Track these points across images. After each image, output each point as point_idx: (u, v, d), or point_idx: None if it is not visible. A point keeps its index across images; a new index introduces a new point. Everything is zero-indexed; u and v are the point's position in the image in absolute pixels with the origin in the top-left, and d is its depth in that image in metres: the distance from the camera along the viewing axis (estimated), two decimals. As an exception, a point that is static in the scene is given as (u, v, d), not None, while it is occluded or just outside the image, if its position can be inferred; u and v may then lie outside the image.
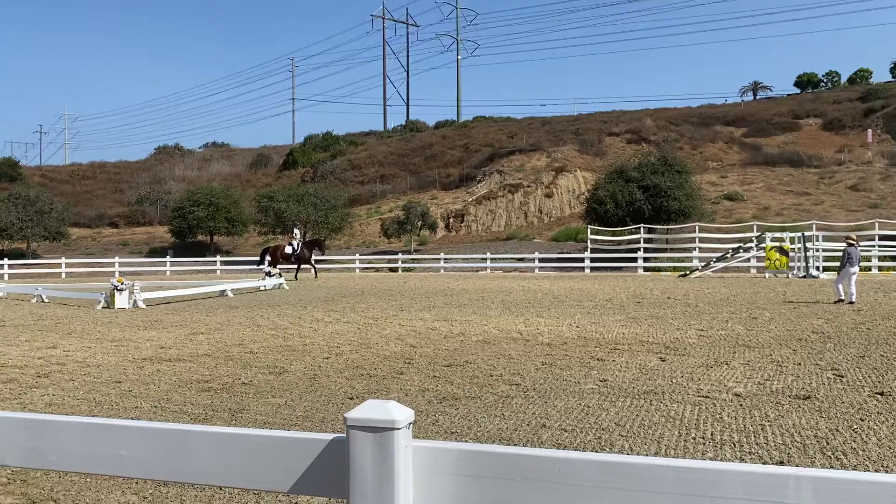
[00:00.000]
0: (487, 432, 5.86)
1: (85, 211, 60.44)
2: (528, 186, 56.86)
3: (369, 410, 1.81)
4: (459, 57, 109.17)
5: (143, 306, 18.32)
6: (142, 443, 2.04)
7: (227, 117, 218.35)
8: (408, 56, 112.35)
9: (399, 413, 1.80)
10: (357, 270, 41.81)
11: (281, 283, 25.98)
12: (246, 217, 50.09)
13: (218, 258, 44.02)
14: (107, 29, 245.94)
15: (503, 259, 40.66)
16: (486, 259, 40.20)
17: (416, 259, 43.19)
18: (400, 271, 40.70)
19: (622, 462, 1.74)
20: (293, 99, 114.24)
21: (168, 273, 41.29)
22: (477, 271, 39.17)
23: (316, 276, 32.68)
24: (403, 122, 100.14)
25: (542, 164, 60.04)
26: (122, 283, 18.56)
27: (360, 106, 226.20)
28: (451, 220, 56.23)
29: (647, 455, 5.17)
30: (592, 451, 5.22)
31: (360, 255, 44.65)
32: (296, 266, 32.19)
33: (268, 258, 31.04)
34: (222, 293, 22.28)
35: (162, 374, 8.67)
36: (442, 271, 39.90)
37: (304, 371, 8.81)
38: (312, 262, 33.10)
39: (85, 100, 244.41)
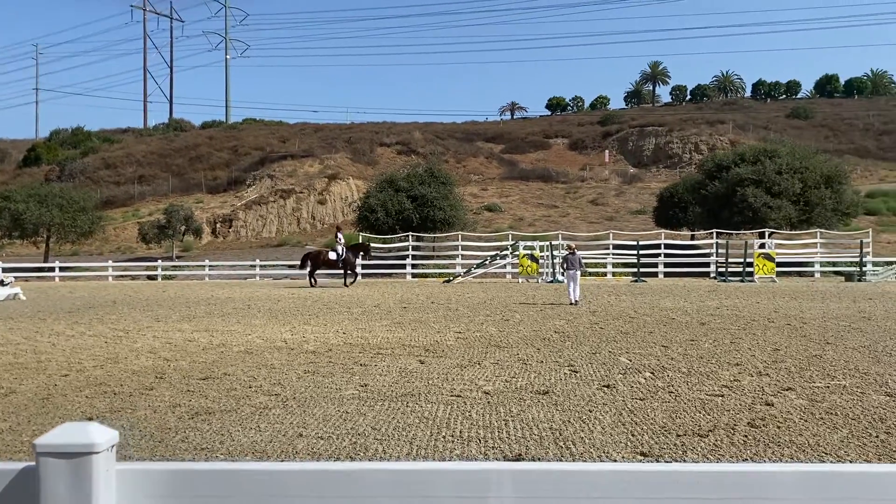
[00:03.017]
0: (241, 446, 5.67)
1: None
2: (301, 192, 56.17)
3: (63, 435, 1.66)
4: (228, 56, 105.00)
5: None
6: None
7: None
8: (171, 52, 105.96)
9: (100, 435, 1.66)
10: (110, 279, 38.40)
11: (17, 294, 23.08)
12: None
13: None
14: None
15: (274, 266, 39.70)
16: (255, 266, 38.96)
17: (179, 266, 40.68)
18: (160, 279, 38.05)
19: (340, 470, 1.76)
20: (37, 89, 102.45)
21: None
22: (245, 279, 37.81)
23: (346, 284, 29.43)
24: (166, 121, 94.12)
25: (315, 170, 59.63)
26: None
27: (117, 101, 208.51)
28: (218, 225, 53.78)
29: (398, 456, 5.33)
30: (346, 458, 5.27)
31: (115, 261, 41.07)
32: (343, 272, 29.60)
33: (309, 263, 29.16)
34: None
35: None
36: (207, 279, 37.97)
37: (35, 391, 7.90)
38: (356, 268, 30.35)
39: None
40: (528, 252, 31.93)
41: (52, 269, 38.68)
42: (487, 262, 33.98)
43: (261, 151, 65.59)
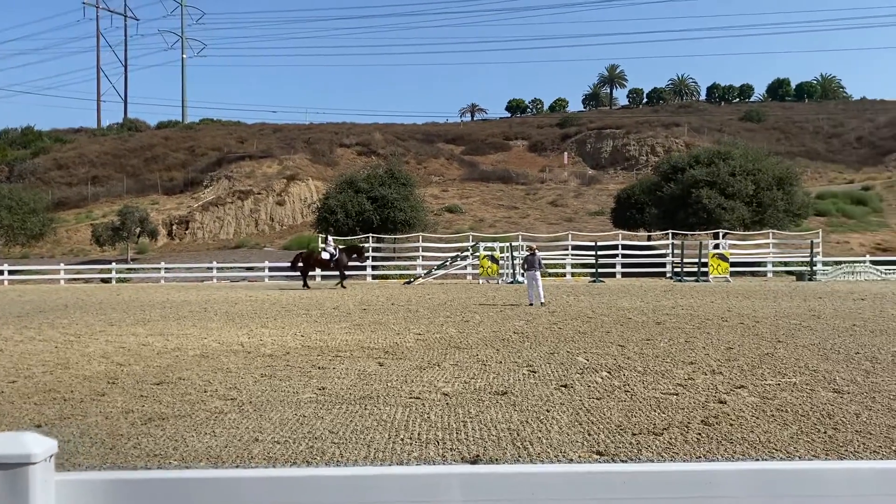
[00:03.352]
0: (195, 452, 5.57)
1: None
2: (259, 193, 55.54)
3: (-3, 445, 1.60)
4: (185, 56, 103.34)
5: None
6: None
7: None
8: (126, 50, 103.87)
9: (37, 445, 1.61)
10: (62, 282, 37.44)
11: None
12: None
13: None
14: None
15: (231, 268, 39.17)
16: (212, 268, 38.39)
17: (134, 269, 39.88)
18: (114, 282, 37.24)
19: (289, 476, 1.74)
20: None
21: None
22: (202, 281, 37.23)
23: (343, 286, 28.91)
24: (121, 121, 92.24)
25: (273, 171, 59.02)
26: None
27: (69, 100, 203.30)
28: (174, 227, 52.86)
29: (355, 460, 5.29)
30: (303, 463, 5.22)
31: (67, 264, 40.06)
32: (337, 273, 29.26)
33: (301, 264, 28.82)
34: None
35: None
36: (163, 282, 37.29)
37: (-20, 399, 7.65)
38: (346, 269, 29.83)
39: None
40: (489, 253, 32.07)
41: (0, 273, 37.55)
42: (448, 264, 34.04)
43: (218, 152, 64.66)
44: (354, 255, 29.93)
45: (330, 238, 30.77)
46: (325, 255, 28.59)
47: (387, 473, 1.73)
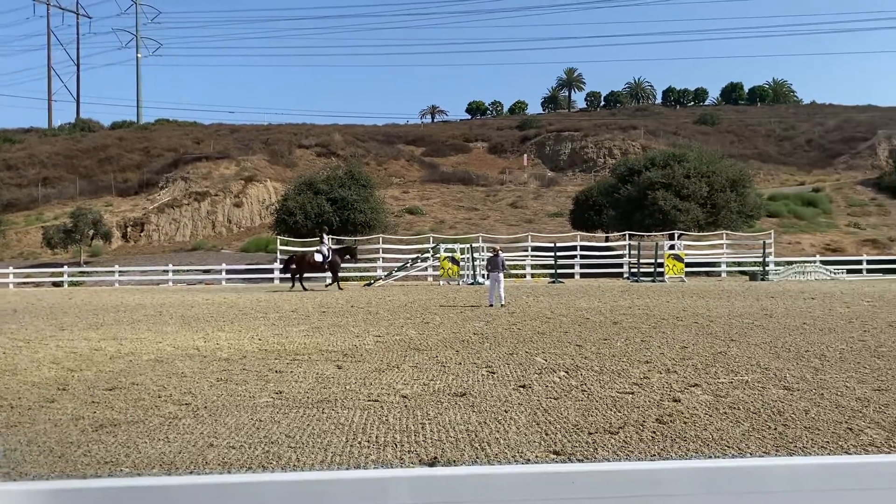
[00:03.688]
0: (148, 458, 5.46)
1: None
2: (217, 195, 54.75)
3: (-72, 457, 1.54)
4: (139, 55, 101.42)
5: None
6: None
7: None
8: (78, 49, 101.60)
9: (-30, 456, 1.56)
10: (11, 286, 36.37)
11: None
12: None
13: None
14: None
15: (188, 271, 38.52)
16: (168, 271, 37.71)
17: (87, 272, 38.95)
18: (66, 286, 36.32)
19: (238, 482, 1.72)
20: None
21: None
22: (158, 284, 36.54)
23: (340, 287, 28.53)
24: (73, 121, 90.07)
25: (231, 172, 58.24)
26: None
27: (18, 99, 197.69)
28: (129, 230, 51.80)
29: (312, 464, 5.25)
30: (259, 468, 5.16)
31: (16, 268, 38.93)
32: (330, 274, 28.96)
33: (294, 266, 28.37)
34: None
35: None
36: (117, 285, 36.51)
37: (-78, 408, 7.39)
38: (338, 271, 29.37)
39: None
40: (449, 255, 32.12)
41: (-55, 277, 36.34)
42: (409, 265, 33.97)
43: (174, 153, 63.56)
44: (348, 257, 29.90)
45: (326, 237, 30.55)
46: (318, 257, 28.43)
47: (334, 478, 1.71)
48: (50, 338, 13.28)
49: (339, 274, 29.53)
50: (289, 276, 29.65)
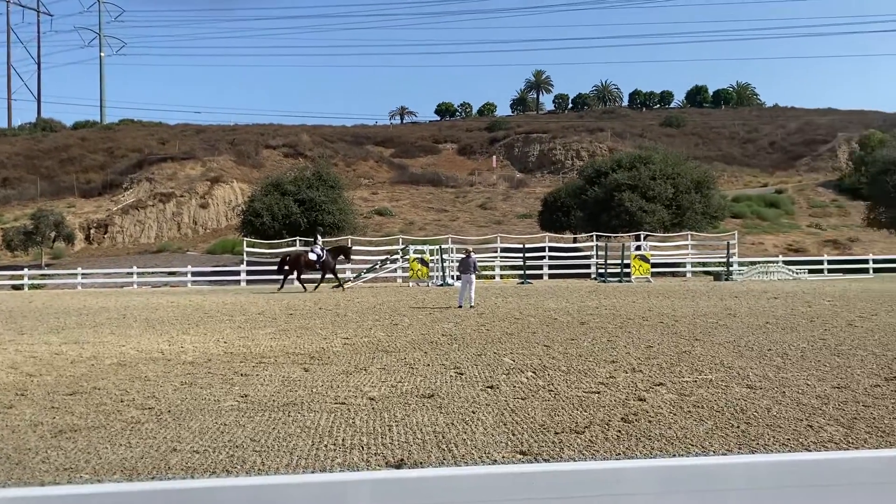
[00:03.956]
0: (109, 464, 5.35)
1: None
2: (182, 196, 54.01)
3: None
4: (103, 54, 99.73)
5: None
6: None
7: None
8: (39, 47, 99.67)
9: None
10: (-32, 289, 35.45)
11: None
12: None
13: None
14: None
15: (153, 273, 37.93)
16: (132, 273, 37.08)
17: (48, 275, 38.14)
18: (26, 289, 35.51)
19: (199, 487, 1.69)
20: None
21: None
22: (122, 287, 35.91)
23: (343, 288, 28.12)
24: (33, 120, 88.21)
25: (196, 173, 57.51)
26: None
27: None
28: (92, 231, 50.85)
29: (277, 468, 5.19)
30: (223, 472, 5.09)
31: (-27, 270, 37.98)
32: (320, 274, 28.45)
33: (289, 266, 28.02)
34: None
35: None
36: (80, 288, 35.79)
37: None
38: (335, 271, 28.94)
39: None
40: (419, 256, 32.08)
41: None
42: (378, 267, 33.86)
43: (138, 153, 62.56)
44: (341, 256, 29.69)
45: (319, 238, 30.36)
46: (313, 256, 28.20)
47: (293, 482, 1.69)
48: (9, 342, 12.96)
49: (307, 276, 29.25)
50: (281, 276, 29.28)
